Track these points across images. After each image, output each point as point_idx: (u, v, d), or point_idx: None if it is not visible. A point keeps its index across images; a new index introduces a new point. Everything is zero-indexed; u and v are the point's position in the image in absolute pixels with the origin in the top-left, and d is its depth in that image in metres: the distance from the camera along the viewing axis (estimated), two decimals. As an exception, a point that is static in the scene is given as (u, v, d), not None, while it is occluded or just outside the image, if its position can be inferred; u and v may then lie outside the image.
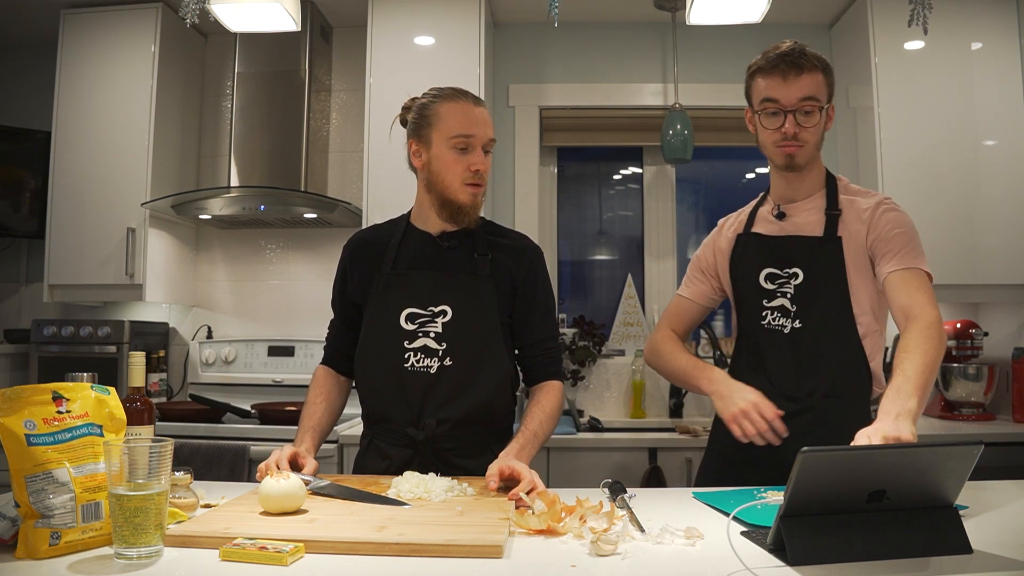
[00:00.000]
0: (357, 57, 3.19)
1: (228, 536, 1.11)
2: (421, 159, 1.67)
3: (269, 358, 3.18)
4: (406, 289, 1.68)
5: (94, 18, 3.07)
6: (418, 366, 1.64)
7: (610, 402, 3.18)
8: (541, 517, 1.21)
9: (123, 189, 3.00)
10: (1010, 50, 2.86)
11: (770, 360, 1.68)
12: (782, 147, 1.65)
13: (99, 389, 1.21)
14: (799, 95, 1.61)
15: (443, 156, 1.63)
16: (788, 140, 1.64)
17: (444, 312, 1.65)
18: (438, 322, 1.65)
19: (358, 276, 1.78)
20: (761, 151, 1.74)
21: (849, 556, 1.04)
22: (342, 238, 3.39)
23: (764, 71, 1.66)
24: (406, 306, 1.66)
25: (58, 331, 3.01)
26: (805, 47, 1.63)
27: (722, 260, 1.83)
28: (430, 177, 1.67)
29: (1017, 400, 2.76)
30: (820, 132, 1.65)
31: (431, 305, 1.66)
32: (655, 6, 3.13)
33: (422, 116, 1.65)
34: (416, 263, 1.72)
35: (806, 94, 1.61)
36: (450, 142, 1.61)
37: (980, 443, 1.08)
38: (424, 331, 1.65)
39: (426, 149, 1.65)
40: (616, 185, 3.55)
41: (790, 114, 1.63)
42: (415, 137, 1.67)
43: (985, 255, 2.79)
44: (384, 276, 1.71)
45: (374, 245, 1.79)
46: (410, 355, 1.64)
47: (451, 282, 1.68)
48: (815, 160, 1.70)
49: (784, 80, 1.62)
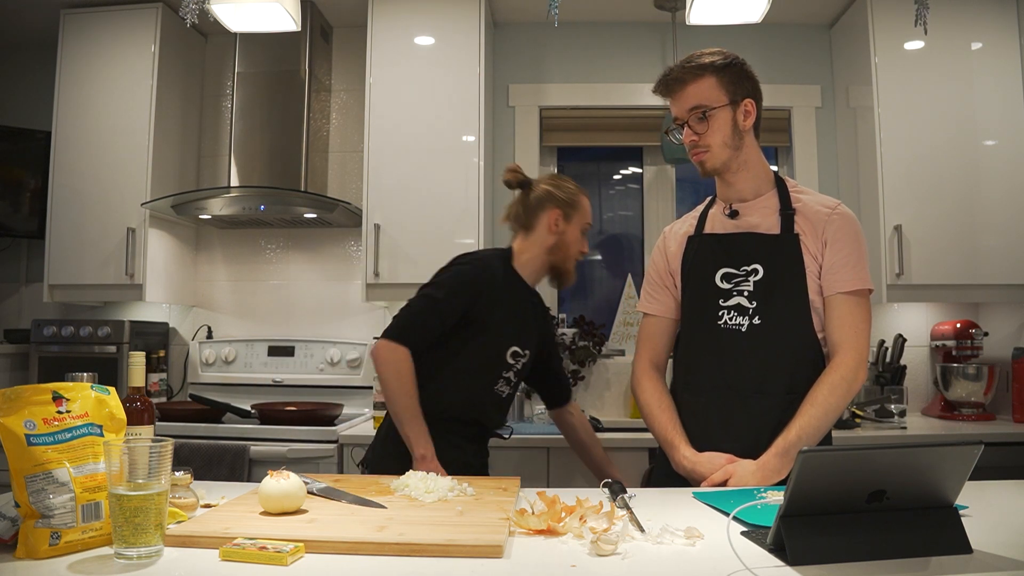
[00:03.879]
0: (357, 57, 3.20)
1: (228, 536, 1.11)
2: (558, 229, 2.01)
3: (269, 358, 3.18)
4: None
5: (94, 18, 3.08)
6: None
7: (610, 402, 3.18)
8: (541, 517, 1.21)
9: (123, 189, 3.00)
10: (1010, 50, 2.86)
11: (727, 359, 1.67)
12: (693, 155, 1.73)
13: (99, 389, 1.21)
14: (686, 107, 1.68)
15: (574, 236, 2.04)
16: (694, 148, 1.71)
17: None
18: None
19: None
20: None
21: (849, 556, 1.03)
22: (342, 238, 3.44)
23: (660, 93, 1.75)
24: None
25: (58, 331, 3.01)
26: (697, 55, 1.68)
27: (675, 264, 1.82)
28: (557, 246, 2.02)
29: (1017, 400, 2.75)
30: (725, 133, 1.67)
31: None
32: (655, 6, 3.13)
33: (573, 202, 2.02)
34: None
35: (692, 104, 1.67)
36: (582, 227, 2.05)
37: (980, 443, 1.08)
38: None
39: (566, 226, 2.01)
40: (616, 185, 3.55)
41: (685, 125, 1.70)
42: (563, 214, 2.01)
43: (985, 255, 2.79)
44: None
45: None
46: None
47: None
48: (746, 160, 1.71)
49: (673, 97, 1.71)
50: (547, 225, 2.00)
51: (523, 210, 2.03)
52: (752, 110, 1.69)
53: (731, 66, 1.67)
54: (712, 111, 1.66)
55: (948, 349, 2.96)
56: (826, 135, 3.26)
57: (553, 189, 2.02)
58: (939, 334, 3.03)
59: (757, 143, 1.74)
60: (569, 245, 2.02)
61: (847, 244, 1.63)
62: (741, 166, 1.71)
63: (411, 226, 2.90)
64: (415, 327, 1.88)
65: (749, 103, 1.68)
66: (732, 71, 1.67)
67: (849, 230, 1.65)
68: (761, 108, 1.71)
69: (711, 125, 1.66)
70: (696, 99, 1.66)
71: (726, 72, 1.66)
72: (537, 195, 2.02)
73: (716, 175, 1.74)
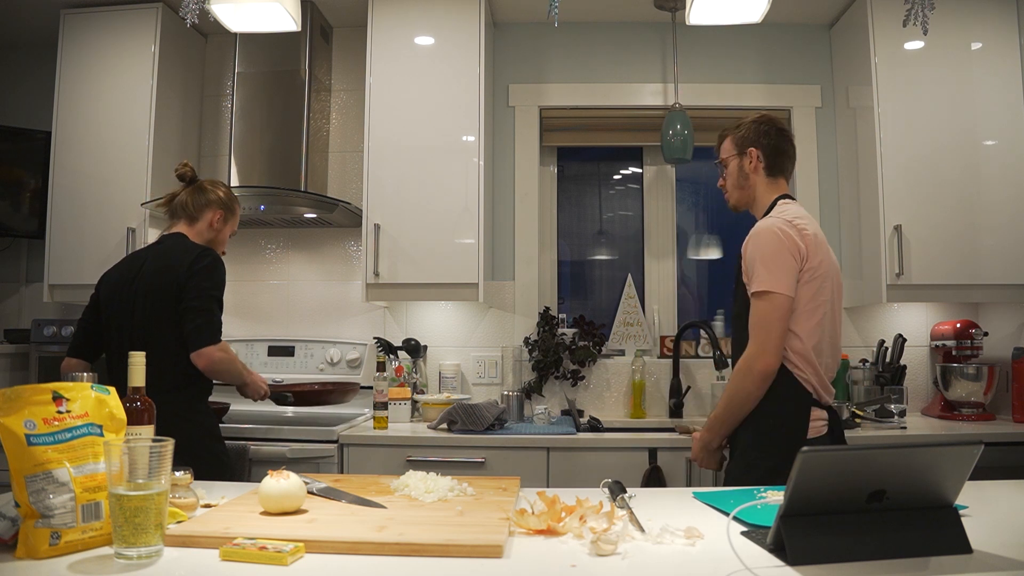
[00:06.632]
0: (357, 57, 3.20)
1: (228, 536, 1.11)
2: (216, 228, 2.33)
3: (269, 358, 3.18)
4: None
5: (94, 18, 3.08)
6: None
7: (610, 402, 3.18)
8: (541, 517, 1.21)
9: (123, 189, 3.00)
10: (1010, 50, 2.86)
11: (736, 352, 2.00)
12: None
13: (99, 389, 1.21)
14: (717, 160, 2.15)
15: (225, 237, 2.41)
16: (723, 191, 2.14)
17: None
18: None
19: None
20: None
21: (849, 556, 1.04)
22: (342, 238, 3.44)
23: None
24: None
25: (58, 331, 3.01)
26: (728, 126, 2.11)
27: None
28: (214, 241, 2.34)
29: (1017, 400, 2.75)
30: (732, 177, 2.08)
31: None
32: (655, 6, 3.13)
33: (233, 208, 2.38)
34: None
35: (717, 159, 2.14)
36: (232, 232, 2.43)
37: (980, 443, 1.08)
38: None
39: (223, 226, 2.35)
40: (616, 185, 3.55)
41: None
42: (223, 216, 2.33)
43: (985, 255, 2.79)
44: None
45: None
46: None
47: None
48: (752, 199, 2.06)
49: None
50: (209, 222, 2.29)
51: (192, 203, 2.28)
52: (753, 155, 2.02)
53: (738, 126, 2.07)
54: (722, 161, 2.10)
55: (948, 349, 2.96)
56: (826, 135, 3.26)
57: (223, 195, 2.33)
58: (939, 334, 3.03)
59: (771, 182, 2.03)
60: (221, 243, 2.35)
61: (748, 254, 1.88)
62: (754, 205, 2.05)
63: (411, 226, 2.90)
64: (219, 325, 2.15)
65: (751, 152, 2.02)
66: (740, 128, 2.06)
67: (751, 243, 1.89)
68: (772, 151, 2.02)
69: (726, 173, 2.10)
70: (720, 154, 2.12)
71: (734, 130, 2.07)
72: (208, 196, 2.29)
73: (737, 211, 2.12)
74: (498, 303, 3.24)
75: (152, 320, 2.09)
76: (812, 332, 1.83)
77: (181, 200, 2.29)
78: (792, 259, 1.82)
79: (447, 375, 3.14)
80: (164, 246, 2.21)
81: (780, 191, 2.02)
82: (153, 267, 2.14)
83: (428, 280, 2.89)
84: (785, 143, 2.03)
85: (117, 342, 2.15)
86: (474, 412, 2.59)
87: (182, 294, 2.08)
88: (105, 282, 2.25)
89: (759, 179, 2.03)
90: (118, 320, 2.15)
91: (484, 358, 3.21)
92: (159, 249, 2.21)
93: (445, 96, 2.94)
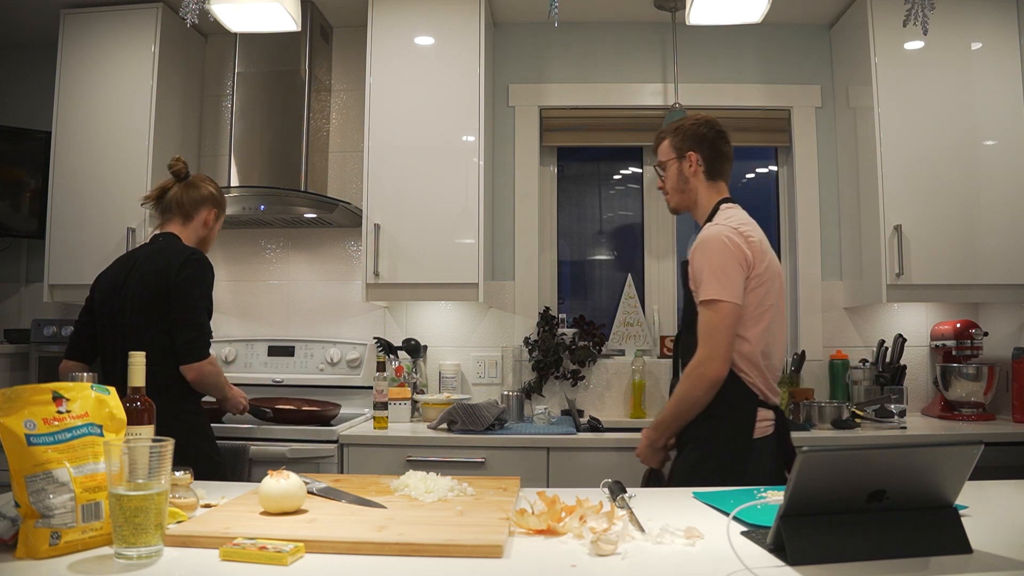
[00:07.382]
0: (357, 57, 3.20)
1: (228, 536, 1.11)
2: (210, 226, 2.31)
3: (269, 358, 3.18)
4: None
5: (94, 18, 3.08)
6: None
7: (610, 402, 3.18)
8: (541, 517, 1.21)
9: (123, 189, 3.00)
10: (1010, 50, 2.86)
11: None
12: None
13: (99, 389, 1.21)
14: (655, 163, 2.14)
15: (215, 234, 2.39)
16: (663, 193, 2.14)
17: None
18: None
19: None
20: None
21: (849, 556, 1.04)
22: (342, 238, 3.44)
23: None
24: None
25: (58, 331, 3.01)
26: (666, 127, 2.11)
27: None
28: (205, 239, 2.32)
29: (1017, 400, 2.75)
30: (672, 180, 2.07)
31: None
32: (655, 6, 3.13)
33: (223, 205, 2.36)
34: None
35: (656, 161, 2.13)
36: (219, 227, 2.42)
37: (980, 443, 1.08)
38: None
39: (215, 224, 2.33)
40: (616, 185, 3.55)
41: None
42: (217, 214, 2.32)
43: (985, 255, 2.79)
44: None
45: None
46: None
47: None
48: (693, 203, 2.07)
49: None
50: (204, 220, 2.27)
51: (186, 200, 2.25)
52: (692, 158, 2.02)
53: (674, 131, 2.06)
54: (663, 163, 2.09)
55: (948, 349, 2.96)
56: (826, 135, 3.26)
57: (214, 191, 2.31)
58: (939, 334, 3.03)
59: (711, 185, 2.04)
60: (211, 241, 2.35)
61: (696, 263, 1.90)
62: (696, 207, 2.07)
63: (411, 226, 2.90)
64: (210, 335, 2.14)
65: (690, 155, 2.02)
66: (676, 133, 2.05)
67: (698, 251, 1.90)
68: (712, 155, 2.02)
69: (665, 174, 2.09)
70: (658, 156, 2.12)
71: (670, 135, 2.07)
72: (201, 193, 2.27)
73: (677, 214, 2.14)
74: (498, 303, 3.24)
75: (141, 323, 2.08)
76: (760, 336, 1.87)
77: (174, 197, 2.25)
78: (739, 267, 1.85)
79: (447, 375, 3.14)
80: (155, 247, 2.19)
81: (721, 194, 2.04)
82: (143, 270, 2.13)
83: (428, 280, 2.89)
84: (724, 145, 2.05)
85: (110, 343, 2.14)
86: (474, 412, 2.59)
87: (171, 301, 2.06)
88: (99, 284, 2.24)
89: (699, 183, 2.04)
90: (110, 322, 2.15)
91: (484, 358, 3.21)
92: (151, 250, 2.19)
93: (445, 96, 2.94)
